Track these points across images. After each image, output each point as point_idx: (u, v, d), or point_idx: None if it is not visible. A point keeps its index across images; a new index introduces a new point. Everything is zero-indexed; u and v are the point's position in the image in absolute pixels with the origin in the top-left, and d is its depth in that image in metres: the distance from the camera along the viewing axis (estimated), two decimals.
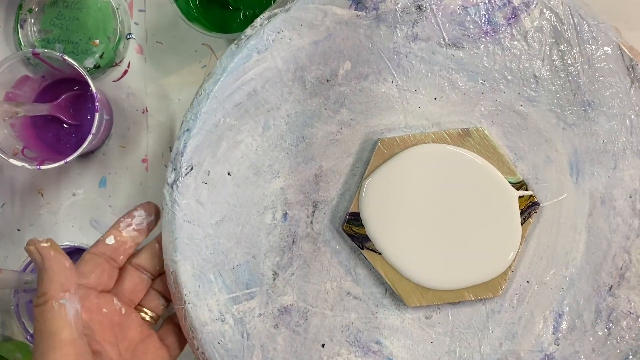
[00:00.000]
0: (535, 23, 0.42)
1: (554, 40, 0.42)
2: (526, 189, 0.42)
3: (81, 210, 0.52)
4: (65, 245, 0.49)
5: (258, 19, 0.43)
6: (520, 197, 0.42)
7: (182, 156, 0.42)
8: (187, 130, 0.42)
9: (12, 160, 0.45)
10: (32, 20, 0.51)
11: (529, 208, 0.42)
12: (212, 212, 0.42)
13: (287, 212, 0.43)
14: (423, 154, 0.42)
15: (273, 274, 0.43)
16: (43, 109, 0.48)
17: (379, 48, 0.42)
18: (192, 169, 0.42)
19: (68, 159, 0.45)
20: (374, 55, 0.43)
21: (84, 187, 0.52)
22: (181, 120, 0.43)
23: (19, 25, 0.51)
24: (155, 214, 0.43)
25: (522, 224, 0.42)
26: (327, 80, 0.43)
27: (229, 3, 0.49)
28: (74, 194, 0.52)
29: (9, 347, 0.50)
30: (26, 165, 0.45)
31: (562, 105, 0.43)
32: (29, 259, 0.48)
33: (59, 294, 0.33)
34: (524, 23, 0.42)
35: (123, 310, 0.41)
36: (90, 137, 0.45)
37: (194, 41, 0.51)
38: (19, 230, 0.52)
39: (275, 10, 0.42)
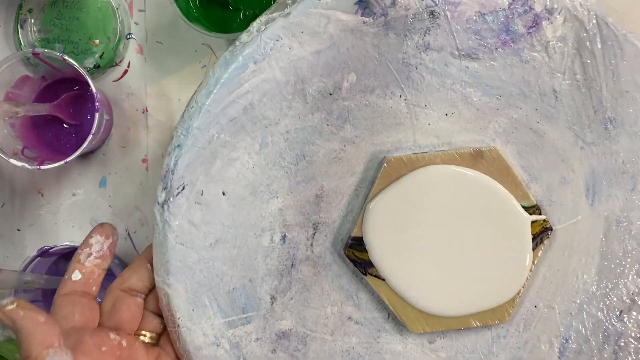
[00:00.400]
0: (558, 33, 0.38)
1: (576, 51, 0.39)
2: (539, 213, 0.40)
3: (81, 210, 0.52)
4: (65, 245, 0.48)
5: (254, 24, 0.39)
6: (533, 222, 0.39)
7: (172, 174, 0.39)
8: (178, 146, 0.39)
9: (12, 160, 0.44)
10: (32, 20, 0.50)
11: (541, 233, 0.40)
12: (206, 233, 0.40)
13: (286, 234, 0.40)
14: (432, 176, 0.39)
15: (271, 298, 0.41)
16: (43, 108, 0.48)
17: (387, 59, 0.39)
18: (184, 188, 0.39)
19: (68, 159, 0.44)
20: (381, 66, 0.39)
21: (84, 187, 0.51)
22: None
23: (19, 25, 0.50)
24: (112, 235, 0.40)
25: (533, 249, 0.40)
26: (330, 94, 0.39)
27: (229, 3, 0.48)
28: (74, 194, 0.52)
29: (9, 347, 0.49)
30: (26, 165, 0.44)
31: (581, 122, 0.40)
32: (29, 258, 0.48)
33: (42, 352, 0.30)
34: (546, 32, 0.39)
35: (124, 343, 0.39)
36: (90, 137, 0.44)
37: (194, 41, 0.50)
38: (19, 230, 0.52)
39: (274, 15, 0.38)
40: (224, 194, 0.39)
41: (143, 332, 0.41)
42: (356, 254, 0.40)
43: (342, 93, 0.39)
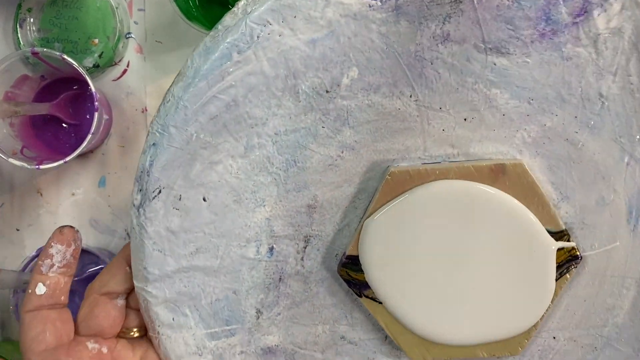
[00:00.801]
0: (612, 23, 0.31)
1: (633, 47, 0.31)
2: (568, 239, 0.33)
3: (80, 210, 0.52)
4: None
5: (240, 4, 0.32)
6: (559, 249, 0.34)
7: (148, 176, 0.34)
8: (154, 144, 0.34)
9: (11, 160, 0.44)
10: (32, 20, 0.50)
11: (568, 262, 0.34)
12: (186, 241, 0.35)
13: (274, 246, 0.36)
14: (442, 193, 0.33)
15: (257, 312, 0.37)
16: (42, 108, 0.48)
17: (396, 51, 0.32)
18: (160, 191, 0.34)
19: (67, 159, 0.44)
20: (389, 60, 0.32)
21: (83, 186, 0.52)
22: None
23: (18, 24, 0.50)
24: (74, 240, 0.36)
25: (557, 279, 0.34)
26: (327, 92, 0.33)
27: (229, 2, 0.47)
28: (73, 194, 0.52)
29: (8, 347, 0.49)
30: (25, 164, 0.45)
31: (631, 134, 0.32)
32: (29, 258, 0.48)
33: None
34: (597, 22, 0.31)
35: (104, 350, 0.36)
36: (89, 136, 0.44)
37: (194, 40, 0.50)
38: (18, 230, 0.52)
39: None
40: (204, 199, 0.35)
41: (131, 329, 0.38)
42: (351, 274, 0.35)
43: (340, 91, 0.33)
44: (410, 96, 0.33)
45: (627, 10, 0.30)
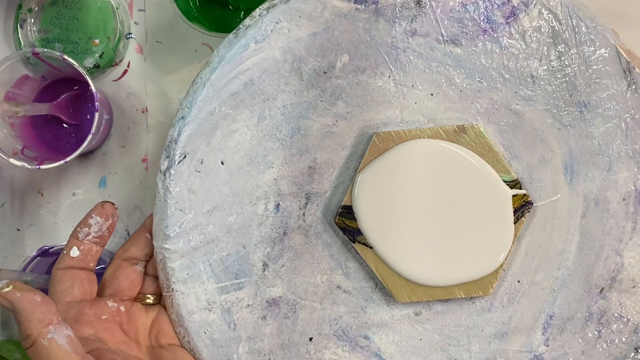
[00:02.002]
0: (534, 23, 0.41)
1: (551, 40, 0.41)
2: (520, 188, 0.41)
3: (81, 210, 0.50)
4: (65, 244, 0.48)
5: (257, 10, 0.41)
6: (513, 195, 0.41)
7: (175, 144, 0.41)
8: (182, 117, 0.41)
9: (12, 160, 0.44)
10: (32, 20, 0.49)
11: (522, 207, 0.41)
12: (204, 200, 0.41)
13: (280, 203, 0.42)
14: (418, 148, 0.40)
15: (263, 265, 0.41)
16: (43, 108, 0.47)
17: (377, 42, 0.41)
18: (185, 156, 0.41)
19: (68, 159, 0.43)
20: (372, 49, 0.41)
21: (83, 186, 0.50)
22: None
23: (18, 24, 0.49)
24: (112, 215, 0.39)
25: (515, 223, 0.41)
26: (324, 73, 0.42)
27: (229, 3, 0.48)
28: (73, 194, 0.51)
29: (9, 347, 0.48)
30: (26, 164, 0.44)
31: (558, 105, 0.42)
32: (29, 258, 0.47)
33: (42, 330, 0.31)
34: (523, 22, 0.41)
35: (122, 309, 0.39)
36: (90, 136, 0.44)
37: (194, 41, 0.49)
38: (18, 230, 0.51)
39: (275, 1, 0.41)
40: (222, 163, 0.41)
41: (146, 295, 0.42)
42: (346, 222, 0.41)
43: (335, 72, 0.41)
44: (389, 76, 0.41)
45: (543, 13, 0.41)
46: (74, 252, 0.38)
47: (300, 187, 0.41)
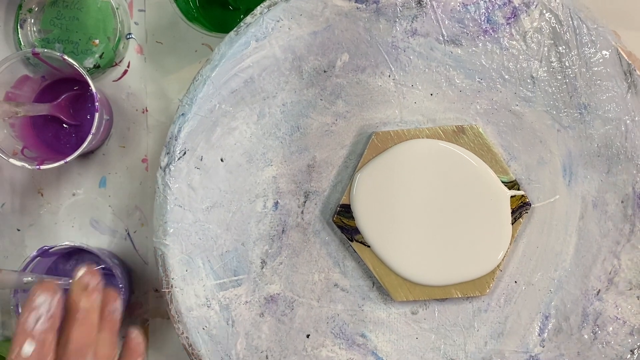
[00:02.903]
0: (535, 24, 0.41)
1: (552, 41, 0.41)
2: (518, 189, 0.41)
3: (81, 210, 0.50)
4: (65, 245, 0.47)
5: (258, 8, 0.41)
6: (512, 196, 0.40)
7: (176, 140, 0.41)
8: (183, 114, 0.41)
9: (12, 160, 0.43)
10: (32, 20, 0.49)
11: (520, 208, 0.41)
12: (204, 197, 0.41)
13: (279, 201, 0.42)
14: (416, 148, 0.40)
15: (261, 262, 0.41)
16: (43, 108, 0.46)
17: (377, 41, 0.41)
18: (185, 153, 0.41)
19: (68, 159, 0.43)
20: (372, 48, 0.41)
21: (83, 187, 0.50)
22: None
23: (18, 25, 0.49)
24: (56, 290, 0.32)
25: (512, 224, 0.41)
26: (324, 71, 0.41)
27: (229, 3, 0.47)
28: (73, 194, 0.50)
29: (9, 347, 0.46)
30: (26, 165, 0.43)
31: (558, 107, 0.41)
32: (29, 258, 0.46)
33: None
34: (524, 23, 0.41)
35: None
36: (90, 137, 0.43)
37: (194, 41, 0.49)
38: (19, 230, 0.50)
39: (276, 0, 0.41)
40: (222, 160, 0.41)
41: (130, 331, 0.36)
42: (344, 221, 0.41)
43: (335, 71, 0.41)
44: (389, 76, 0.41)
45: (544, 14, 0.41)
46: (29, 347, 0.31)
47: (299, 185, 0.41)
